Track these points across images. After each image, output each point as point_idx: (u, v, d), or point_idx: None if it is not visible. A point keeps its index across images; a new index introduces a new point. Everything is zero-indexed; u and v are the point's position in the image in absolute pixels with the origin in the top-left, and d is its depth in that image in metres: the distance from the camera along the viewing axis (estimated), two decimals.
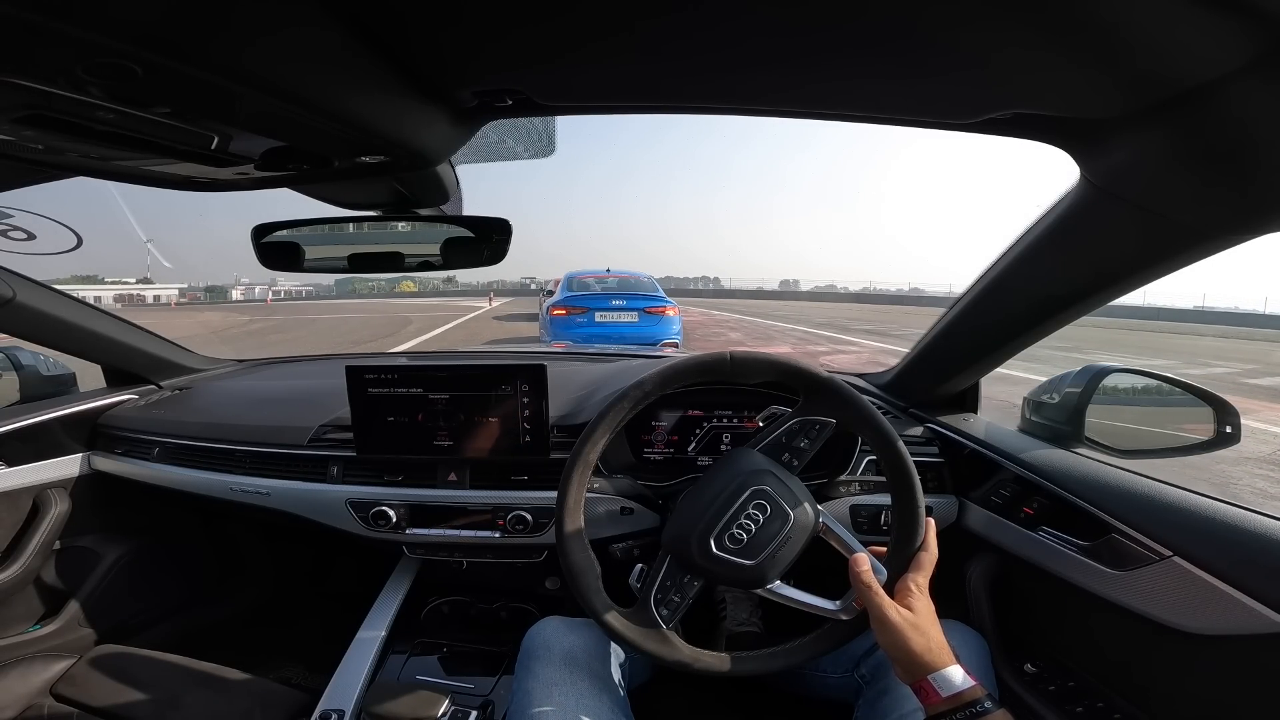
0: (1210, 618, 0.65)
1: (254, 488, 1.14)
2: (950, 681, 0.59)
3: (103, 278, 76.64)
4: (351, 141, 0.57)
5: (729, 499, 0.71)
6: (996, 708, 0.57)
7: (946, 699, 0.58)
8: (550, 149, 0.84)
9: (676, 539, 0.73)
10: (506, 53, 0.48)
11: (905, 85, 0.52)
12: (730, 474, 0.74)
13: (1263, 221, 0.53)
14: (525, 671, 0.79)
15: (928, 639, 0.62)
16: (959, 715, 0.57)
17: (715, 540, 0.70)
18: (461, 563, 1.23)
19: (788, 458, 0.75)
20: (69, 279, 78.92)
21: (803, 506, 0.72)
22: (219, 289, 55.93)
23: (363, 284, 61.17)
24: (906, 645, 0.62)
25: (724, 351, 0.77)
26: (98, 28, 0.33)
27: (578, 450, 0.76)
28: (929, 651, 0.61)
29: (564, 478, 0.76)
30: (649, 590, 0.73)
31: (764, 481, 0.72)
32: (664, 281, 7.51)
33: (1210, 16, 0.36)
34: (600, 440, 0.76)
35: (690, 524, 0.72)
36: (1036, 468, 0.88)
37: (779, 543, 0.71)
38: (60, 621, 1.27)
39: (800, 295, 42.02)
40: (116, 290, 57.90)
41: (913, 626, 0.63)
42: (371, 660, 1.02)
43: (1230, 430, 0.85)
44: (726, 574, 0.71)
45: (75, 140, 0.50)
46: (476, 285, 60.98)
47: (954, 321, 0.96)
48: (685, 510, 0.74)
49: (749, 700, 1.03)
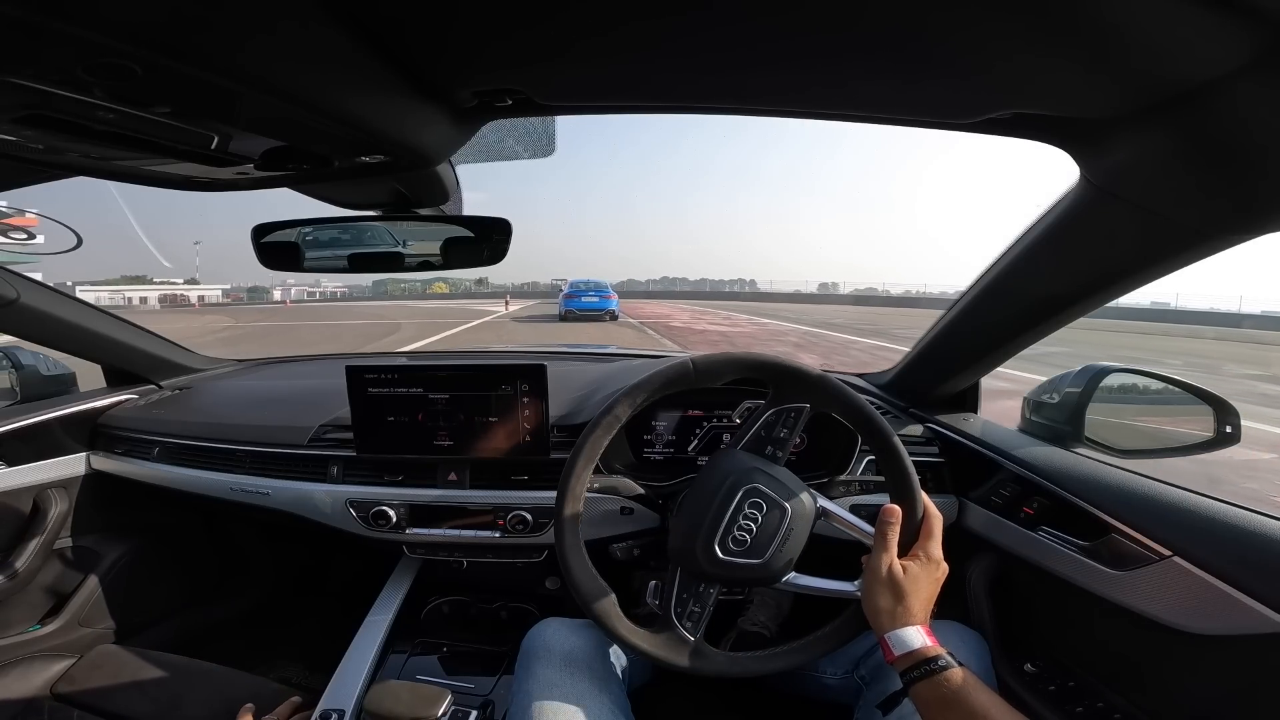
0: (1210, 618, 0.65)
1: (254, 487, 1.14)
2: (903, 641, 0.63)
3: (150, 278, 77.56)
4: (351, 141, 0.57)
5: (723, 502, 0.72)
6: (957, 665, 0.60)
7: (899, 657, 0.62)
8: (550, 149, 0.84)
9: (681, 551, 0.73)
10: (506, 52, 0.48)
11: (905, 85, 0.52)
12: (719, 477, 0.74)
13: (1263, 221, 0.53)
14: (525, 672, 0.79)
15: (897, 601, 0.65)
16: (916, 672, 0.60)
17: (719, 545, 0.70)
18: (461, 562, 1.23)
19: (771, 450, 0.76)
20: (119, 279, 79.13)
21: (798, 497, 0.72)
22: (260, 290, 57.12)
23: (395, 285, 61.86)
24: (876, 600, 0.66)
25: (686, 359, 0.78)
26: (98, 28, 0.33)
27: (561, 490, 0.77)
28: (892, 613, 0.65)
29: (556, 517, 0.77)
30: (668, 606, 0.73)
31: (754, 479, 0.72)
32: (698, 284, 7.58)
33: (1210, 16, 0.36)
34: (582, 471, 0.77)
35: (691, 533, 0.72)
36: (1036, 468, 0.88)
37: (782, 536, 0.71)
38: (60, 621, 1.27)
39: (842, 299, 40.25)
40: (160, 291, 59.44)
41: (889, 586, 0.66)
42: (371, 660, 1.02)
43: (1230, 430, 0.84)
44: (738, 576, 0.71)
45: (75, 140, 0.50)
46: (509, 286, 59.91)
47: (954, 321, 0.96)
48: (683, 520, 0.75)
49: (749, 701, 1.03)
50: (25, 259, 1.16)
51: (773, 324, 15.47)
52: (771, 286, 46.21)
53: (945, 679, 0.58)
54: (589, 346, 1.93)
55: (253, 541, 1.64)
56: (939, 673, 0.59)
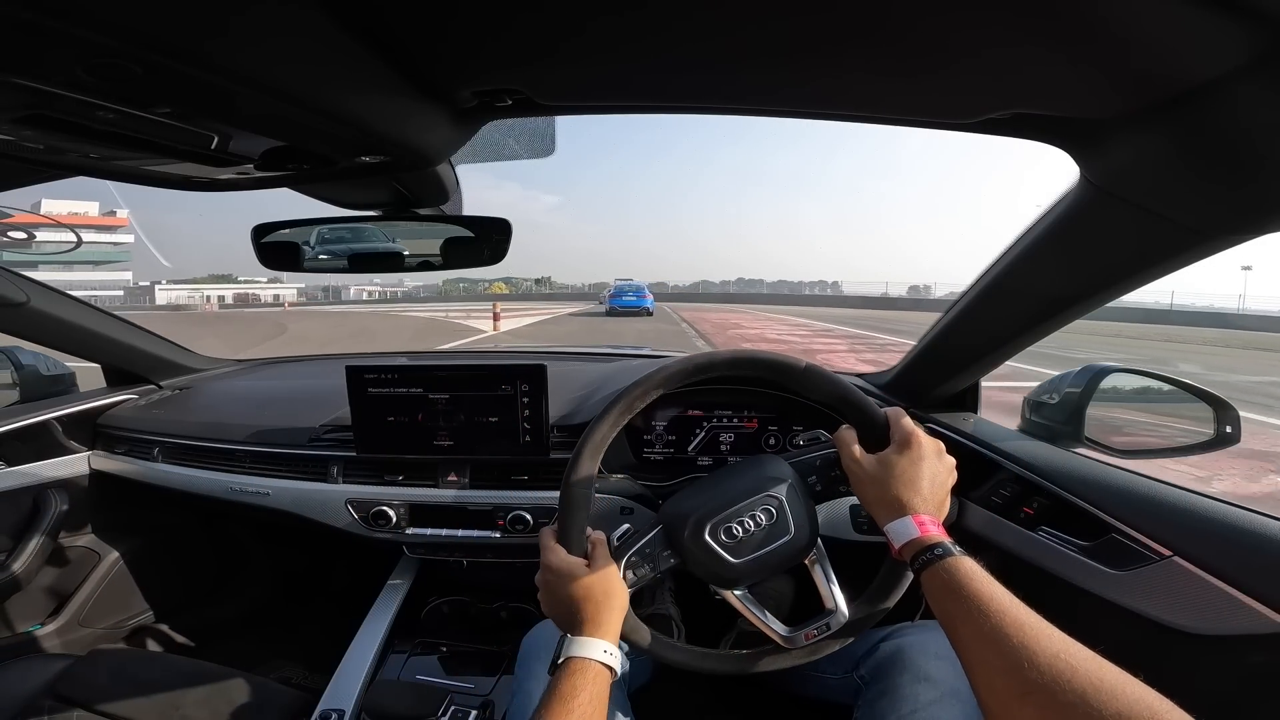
0: (1210, 618, 0.65)
1: (254, 487, 1.14)
2: (899, 531, 0.60)
3: (235, 276, 77.93)
4: (352, 141, 0.57)
5: (742, 494, 0.71)
6: (960, 554, 0.58)
7: (900, 548, 0.60)
8: (550, 149, 0.84)
9: (675, 516, 0.72)
10: (506, 53, 0.48)
11: (905, 85, 0.52)
12: (754, 474, 0.73)
13: (1263, 221, 0.53)
14: (526, 673, 0.79)
15: (884, 491, 0.63)
16: (915, 564, 0.58)
17: (710, 529, 0.69)
18: (461, 562, 1.23)
19: (814, 480, 0.75)
20: (205, 277, 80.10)
21: (806, 530, 0.71)
22: (335, 289, 58.79)
23: (453, 285, 62.61)
24: (865, 495, 0.65)
25: (799, 360, 0.73)
26: (98, 28, 0.33)
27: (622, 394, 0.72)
28: (883, 504, 0.62)
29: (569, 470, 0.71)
30: (625, 549, 0.71)
31: (781, 491, 0.71)
32: (776, 285, 7.20)
33: (1210, 16, 0.36)
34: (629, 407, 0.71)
35: (694, 507, 0.71)
36: (1036, 468, 0.88)
37: (767, 553, 0.70)
38: (60, 621, 1.27)
39: (936, 304, 35.12)
40: (235, 290, 62.32)
41: (871, 480, 0.64)
42: (371, 660, 1.02)
43: (1230, 430, 0.84)
44: (705, 564, 0.70)
45: (75, 140, 0.50)
46: (582, 288, 56.99)
47: (954, 321, 0.96)
48: (696, 493, 0.74)
49: (749, 701, 1.03)
50: (118, 258, 1.19)
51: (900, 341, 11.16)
52: (853, 289, 42.58)
53: (946, 567, 0.56)
54: (589, 346, 1.94)
55: (253, 542, 1.65)
56: (938, 560, 0.57)
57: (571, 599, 0.63)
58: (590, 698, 0.56)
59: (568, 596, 0.63)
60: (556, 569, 0.64)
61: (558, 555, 0.65)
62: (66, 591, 1.31)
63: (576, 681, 0.56)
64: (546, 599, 0.65)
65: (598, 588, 0.63)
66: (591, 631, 0.60)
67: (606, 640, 0.60)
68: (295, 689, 1.00)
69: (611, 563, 0.67)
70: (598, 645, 0.59)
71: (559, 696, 0.55)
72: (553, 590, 0.64)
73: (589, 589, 0.63)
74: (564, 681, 0.56)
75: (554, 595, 0.64)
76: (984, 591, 0.53)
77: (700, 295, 48.42)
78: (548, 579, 0.65)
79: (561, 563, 0.65)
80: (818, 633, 0.71)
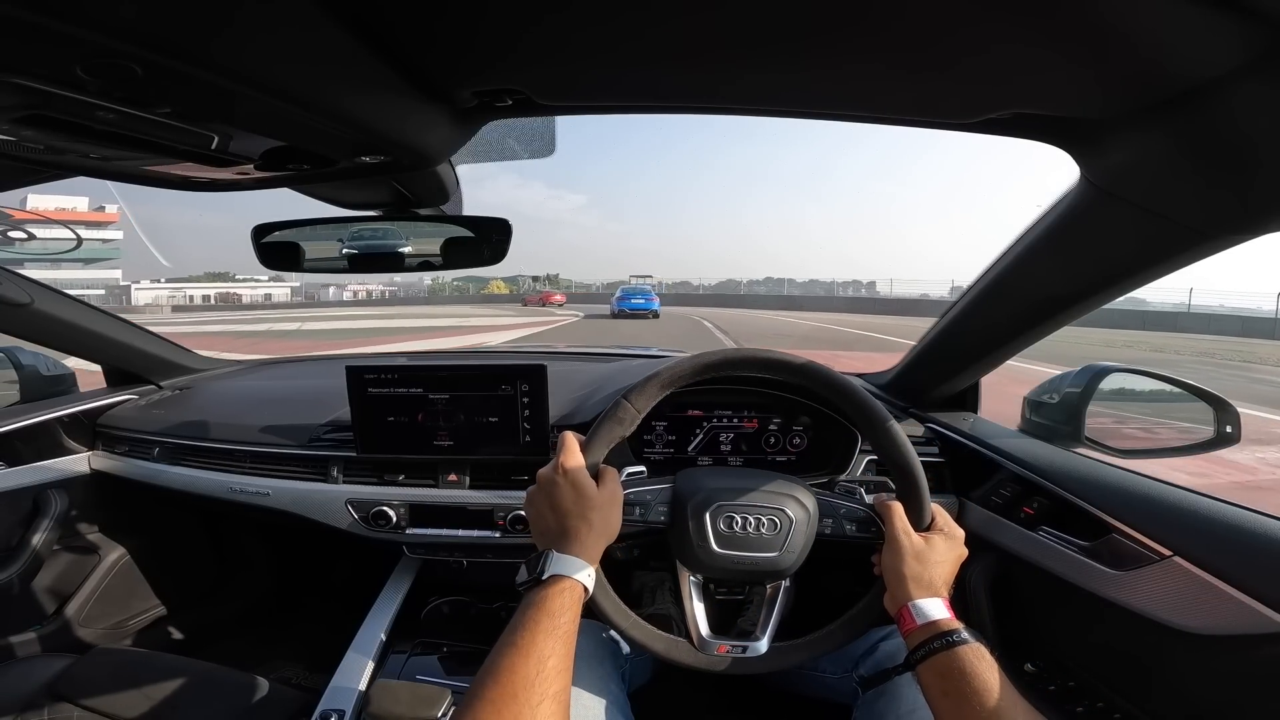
0: (1210, 618, 0.65)
1: (254, 488, 1.14)
2: (926, 611, 0.61)
3: (233, 274, 77.12)
4: (352, 141, 0.57)
5: (760, 496, 0.71)
6: (977, 641, 0.59)
7: (919, 626, 0.61)
8: (550, 149, 0.84)
9: (692, 483, 0.73)
10: (506, 52, 0.48)
11: (906, 85, 0.52)
12: (780, 488, 0.73)
13: (1263, 221, 0.53)
14: None
15: (923, 568, 0.65)
16: (935, 644, 0.59)
17: (715, 509, 0.70)
18: (462, 562, 1.23)
19: (830, 523, 0.74)
20: (202, 276, 79.15)
21: (792, 558, 0.71)
22: (309, 288, 60.85)
23: (450, 287, 62.82)
24: (901, 568, 0.65)
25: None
26: (98, 28, 0.33)
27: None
28: (919, 581, 0.64)
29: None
30: (629, 485, 0.72)
31: (798, 515, 0.72)
32: (808, 286, 7.23)
33: (1210, 16, 0.36)
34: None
35: (713, 485, 0.72)
36: (1036, 467, 0.88)
37: (747, 559, 0.70)
38: (60, 621, 1.27)
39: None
40: (219, 289, 62.80)
41: (913, 553, 0.66)
42: (371, 660, 1.02)
43: (1230, 430, 0.85)
44: (689, 537, 0.70)
45: (75, 140, 0.50)
46: (597, 289, 55.07)
47: (954, 321, 0.96)
48: (719, 475, 0.75)
49: (749, 700, 1.03)
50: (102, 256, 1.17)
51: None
52: (892, 290, 40.04)
53: (964, 653, 0.57)
54: (589, 346, 1.94)
55: (253, 541, 1.64)
56: (959, 645, 0.58)
57: (568, 511, 0.62)
58: (572, 619, 0.56)
59: (565, 507, 0.62)
60: (570, 472, 0.63)
61: (576, 458, 0.65)
62: (67, 591, 1.30)
63: (563, 600, 0.56)
64: (541, 502, 0.64)
65: (597, 510, 0.63)
66: (578, 551, 0.60)
67: (590, 564, 0.60)
68: (295, 689, 1.00)
69: (620, 492, 0.67)
70: (584, 567, 0.59)
71: (547, 613, 0.55)
72: (551, 495, 0.63)
73: (588, 505, 0.63)
74: (551, 600, 0.56)
75: (551, 500, 0.63)
76: (995, 680, 0.55)
77: (729, 298, 42.34)
78: (555, 481, 0.64)
79: (577, 468, 0.64)
80: (729, 650, 0.71)
